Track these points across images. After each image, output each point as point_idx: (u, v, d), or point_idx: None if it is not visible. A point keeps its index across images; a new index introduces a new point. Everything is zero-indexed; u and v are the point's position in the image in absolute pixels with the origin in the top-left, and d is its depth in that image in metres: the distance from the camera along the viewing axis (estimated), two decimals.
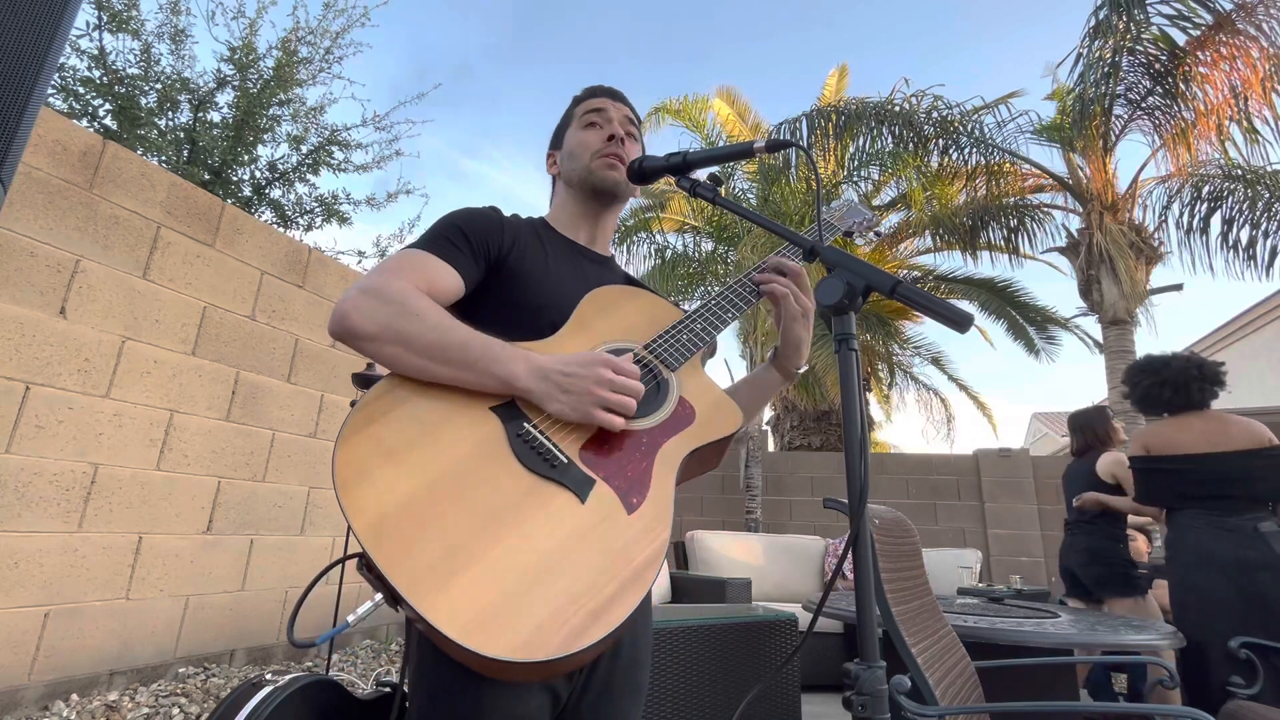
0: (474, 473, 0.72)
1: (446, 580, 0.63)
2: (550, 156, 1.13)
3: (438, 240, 0.89)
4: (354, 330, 0.77)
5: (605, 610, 0.65)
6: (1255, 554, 2.28)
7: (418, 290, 0.81)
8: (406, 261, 0.85)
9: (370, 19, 6.23)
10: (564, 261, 1.00)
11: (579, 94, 1.12)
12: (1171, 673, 2.00)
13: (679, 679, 2.03)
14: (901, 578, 1.61)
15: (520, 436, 0.76)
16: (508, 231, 0.95)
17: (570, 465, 0.76)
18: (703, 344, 0.93)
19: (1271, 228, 5.62)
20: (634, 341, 0.92)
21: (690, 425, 0.86)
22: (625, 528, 0.73)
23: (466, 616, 0.61)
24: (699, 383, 0.92)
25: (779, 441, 10.13)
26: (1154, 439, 2.62)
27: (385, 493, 0.68)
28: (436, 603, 0.61)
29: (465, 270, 0.89)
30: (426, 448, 0.73)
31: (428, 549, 0.65)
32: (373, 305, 0.77)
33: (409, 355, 0.76)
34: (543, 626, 0.62)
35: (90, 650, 2.64)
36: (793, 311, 0.99)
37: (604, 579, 0.68)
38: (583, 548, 0.70)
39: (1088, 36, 5.61)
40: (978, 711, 1.45)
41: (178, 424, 3.00)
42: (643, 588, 0.69)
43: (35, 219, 2.53)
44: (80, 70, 5.16)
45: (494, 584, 0.64)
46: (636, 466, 0.79)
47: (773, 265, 1.02)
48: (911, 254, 9.36)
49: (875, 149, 6.71)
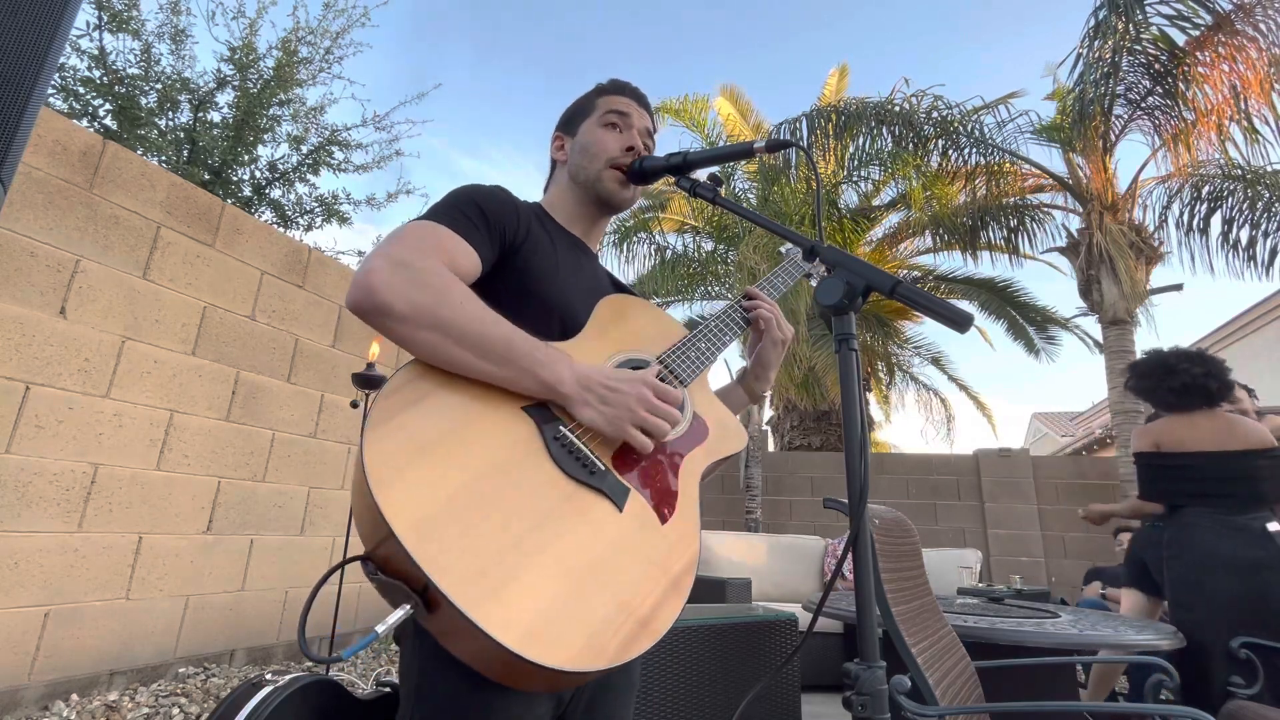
0: (513, 475, 0.69)
1: (498, 588, 0.60)
2: (558, 139, 1.07)
3: (455, 215, 0.82)
4: (385, 307, 0.69)
5: (652, 618, 0.66)
6: (1264, 553, 2.28)
7: (451, 273, 0.76)
8: (430, 235, 0.78)
9: (370, 19, 6.24)
10: (568, 257, 0.98)
11: (604, 84, 1.07)
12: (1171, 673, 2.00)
13: (679, 679, 2.02)
14: (901, 578, 1.61)
15: (557, 440, 0.74)
16: (522, 217, 0.91)
17: (608, 473, 0.75)
18: (709, 361, 0.96)
19: (1271, 228, 5.63)
20: (648, 352, 0.92)
21: (707, 439, 0.88)
22: (661, 537, 0.74)
23: (522, 625, 0.58)
24: (707, 398, 0.95)
25: (779, 441, 10.13)
26: (1164, 435, 2.62)
27: (424, 491, 0.63)
28: (490, 611, 0.58)
29: (483, 251, 0.84)
30: (461, 444, 0.69)
31: (475, 553, 0.61)
32: (407, 285, 0.70)
33: (447, 344, 0.71)
34: (596, 635, 0.62)
35: (90, 650, 2.64)
36: (774, 337, 1.06)
37: (647, 587, 0.68)
38: (625, 556, 0.69)
39: (1087, 37, 5.61)
40: (978, 711, 1.45)
41: (178, 424, 3.00)
42: (681, 597, 0.70)
43: (35, 219, 2.53)
44: (80, 70, 5.16)
45: (544, 592, 0.62)
46: (664, 478, 0.80)
47: (751, 294, 1.08)
48: (911, 254, 9.36)
49: (875, 149, 6.71)
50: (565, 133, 1.07)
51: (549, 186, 1.09)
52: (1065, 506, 6.87)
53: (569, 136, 1.06)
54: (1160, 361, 2.67)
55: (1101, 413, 12.00)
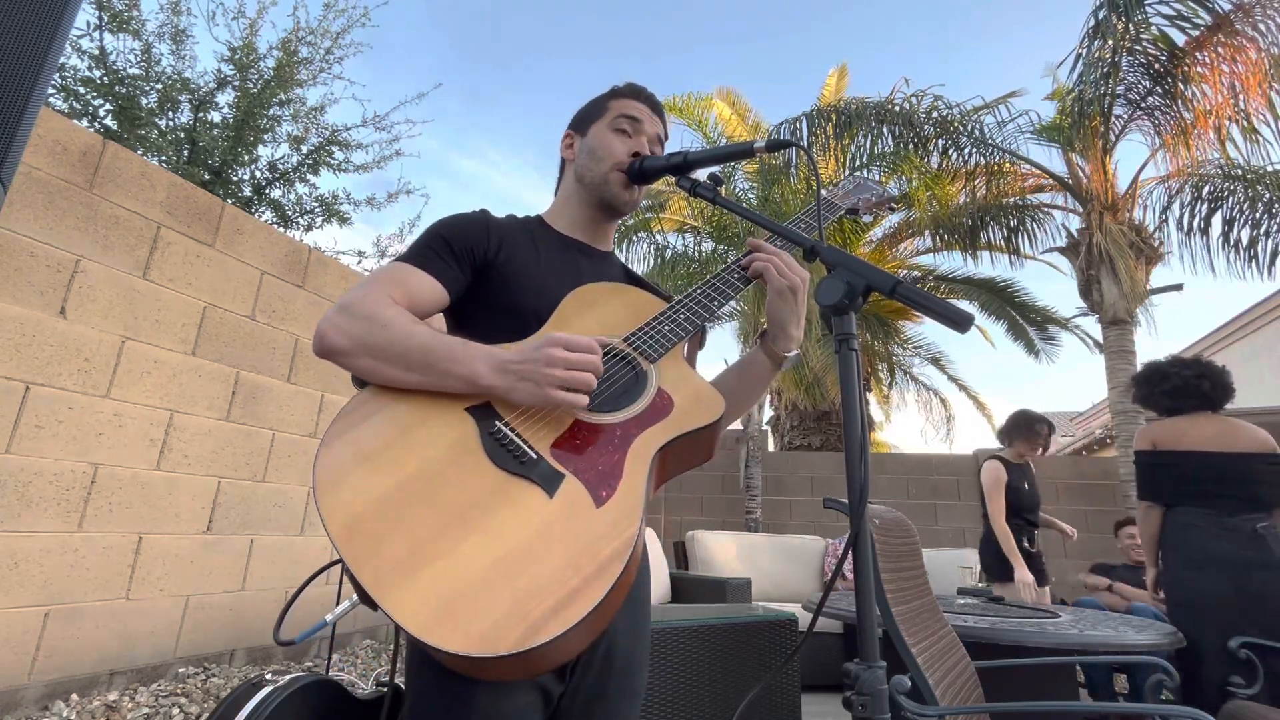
0: (445, 472, 0.73)
1: (409, 576, 0.64)
2: (568, 138, 1.09)
3: (421, 252, 0.91)
4: (330, 347, 0.80)
5: (567, 604, 0.64)
6: (1254, 554, 2.29)
7: (390, 300, 0.83)
8: (385, 276, 0.88)
9: (370, 19, 6.24)
10: (556, 260, 0.98)
11: (620, 86, 1.07)
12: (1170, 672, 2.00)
13: (679, 679, 2.02)
14: (901, 578, 1.61)
15: (492, 435, 0.76)
16: (493, 234, 0.95)
17: (539, 460, 0.75)
18: (685, 333, 0.92)
19: (1272, 228, 5.62)
20: (614, 336, 0.90)
21: (667, 416, 0.84)
22: (592, 521, 0.72)
23: (426, 611, 0.62)
24: (679, 373, 0.90)
25: (779, 441, 10.13)
26: (1162, 435, 2.63)
27: (358, 494, 0.69)
28: (400, 598, 0.62)
29: (449, 278, 0.90)
30: (401, 450, 0.74)
31: (394, 546, 0.66)
32: (346, 321, 0.80)
33: (379, 365, 0.79)
34: (500, 622, 0.62)
35: (90, 650, 2.64)
36: (777, 285, 0.93)
37: (568, 573, 0.66)
38: (548, 542, 0.69)
39: (1087, 37, 5.61)
40: (978, 711, 1.45)
41: (178, 424, 3.00)
42: (607, 581, 0.66)
43: (35, 219, 2.53)
44: (80, 70, 5.16)
45: (456, 579, 0.64)
46: (608, 460, 0.77)
47: (753, 245, 0.99)
48: (911, 254, 9.36)
49: (876, 149, 6.71)
50: (576, 132, 1.08)
51: (558, 187, 1.11)
52: (1065, 506, 6.87)
53: (579, 136, 1.06)
54: (1155, 368, 2.74)
55: (1101, 413, 12.00)
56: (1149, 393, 2.71)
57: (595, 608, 0.64)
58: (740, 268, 0.99)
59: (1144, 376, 2.78)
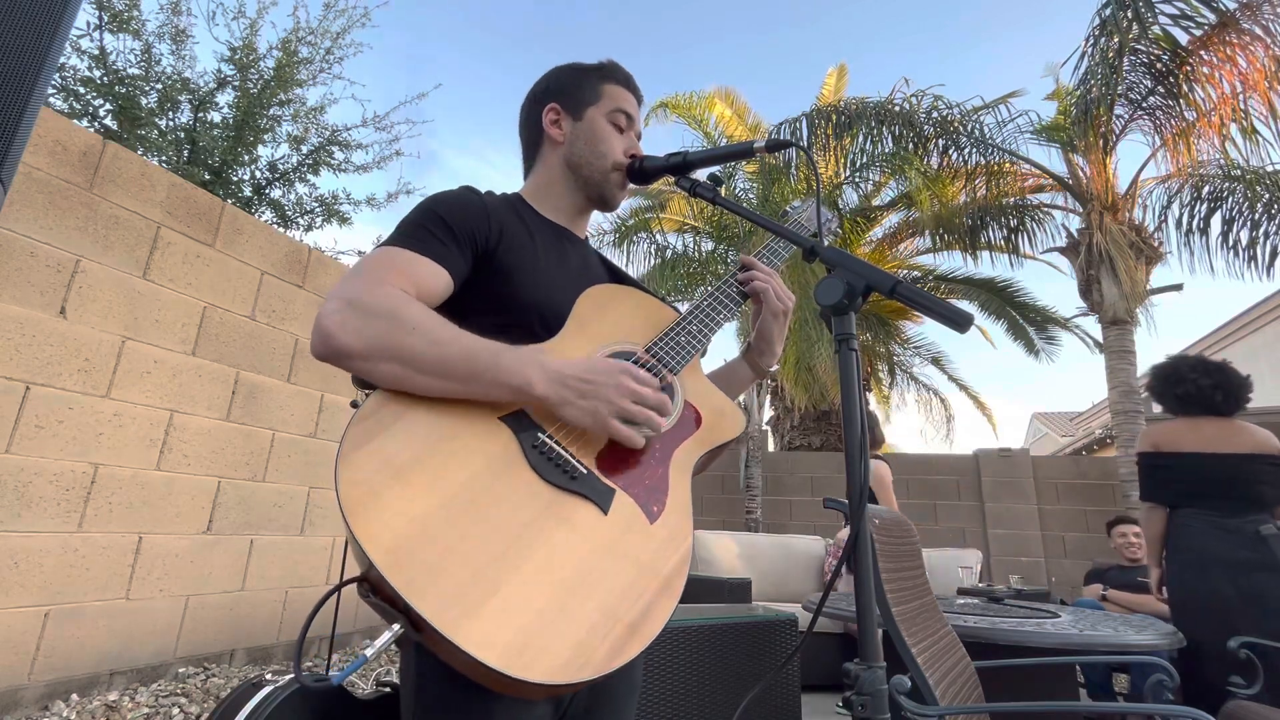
0: (491, 489, 0.68)
1: (477, 606, 0.59)
2: (554, 112, 1.00)
3: (419, 233, 0.81)
4: (339, 349, 0.69)
5: (642, 623, 0.64)
6: (1255, 555, 2.29)
7: (407, 296, 0.74)
8: (388, 262, 0.77)
9: (370, 19, 6.24)
10: (551, 249, 0.94)
11: (607, 66, 1.02)
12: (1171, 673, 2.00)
13: (679, 679, 2.02)
14: (901, 578, 1.61)
15: (536, 448, 0.72)
16: (493, 218, 0.87)
17: (590, 476, 0.72)
18: (701, 346, 0.92)
19: (1272, 228, 5.62)
20: (633, 343, 0.89)
21: (699, 429, 0.84)
22: (650, 537, 0.71)
23: (503, 642, 0.58)
24: (700, 386, 0.91)
25: (779, 441, 10.12)
26: (1163, 436, 2.63)
27: (399, 516, 0.62)
28: (469, 630, 0.57)
29: (453, 266, 0.82)
30: (437, 464, 0.68)
31: (452, 574, 0.61)
32: (359, 320, 0.70)
33: (409, 373, 0.70)
34: (582, 645, 0.60)
35: (90, 650, 2.64)
36: (774, 307, 0.99)
37: (636, 591, 0.66)
38: (611, 561, 0.67)
39: (1093, 34, 5.59)
40: (978, 711, 1.45)
41: (178, 424, 3.00)
42: (674, 597, 0.67)
43: (35, 219, 2.53)
44: (80, 70, 5.16)
45: (526, 605, 0.61)
46: (653, 474, 0.77)
47: (747, 264, 1.02)
48: (911, 254, 9.36)
49: (876, 150, 6.71)
50: (565, 110, 0.99)
51: (536, 166, 1.02)
52: (1065, 507, 6.87)
53: (569, 117, 0.99)
54: (1174, 368, 2.69)
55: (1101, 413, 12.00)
56: (1163, 391, 2.69)
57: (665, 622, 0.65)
58: (738, 284, 1.01)
59: (1161, 373, 2.73)
